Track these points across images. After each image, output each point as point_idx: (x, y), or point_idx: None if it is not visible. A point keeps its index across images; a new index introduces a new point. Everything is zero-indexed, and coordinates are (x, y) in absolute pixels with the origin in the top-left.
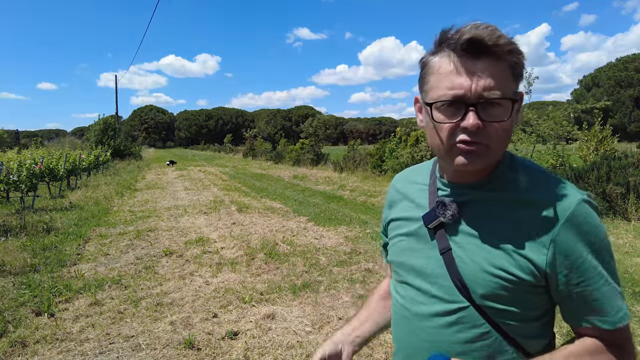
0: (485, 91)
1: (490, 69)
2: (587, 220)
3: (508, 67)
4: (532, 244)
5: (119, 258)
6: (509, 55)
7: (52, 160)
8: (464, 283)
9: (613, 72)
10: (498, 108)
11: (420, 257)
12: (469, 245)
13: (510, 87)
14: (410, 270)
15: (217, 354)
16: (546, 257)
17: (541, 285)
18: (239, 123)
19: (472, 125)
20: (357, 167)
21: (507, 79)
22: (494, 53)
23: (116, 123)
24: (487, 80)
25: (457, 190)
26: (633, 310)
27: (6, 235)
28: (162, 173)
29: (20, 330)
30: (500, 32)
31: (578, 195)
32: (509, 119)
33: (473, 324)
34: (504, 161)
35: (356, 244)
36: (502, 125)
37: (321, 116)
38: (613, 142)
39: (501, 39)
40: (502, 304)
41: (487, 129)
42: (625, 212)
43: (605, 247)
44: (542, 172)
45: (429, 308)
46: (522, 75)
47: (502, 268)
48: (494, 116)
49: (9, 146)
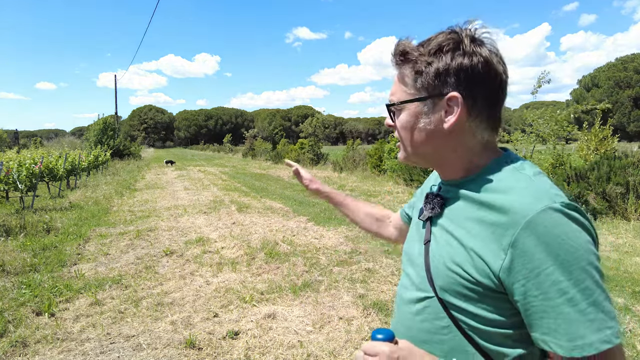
0: (390, 96)
1: (396, 77)
2: (551, 230)
3: (407, 75)
4: (492, 247)
5: (119, 258)
6: (410, 63)
7: (52, 160)
8: (430, 274)
9: (612, 72)
10: (397, 112)
11: (413, 246)
12: (441, 239)
13: (404, 92)
14: (406, 259)
15: (218, 353)
16: (502, 262)
17: (501, 291)
18: (238, 123)
19: (385, 124)
20: (357, 167)
21: (402, 86)
22: (398, 62)
23: (116, 123)
24: (393, 87)
25: (446, 187)
26: (633, 310)
27: (6, 235)
28: (161, 173)
29: (21, 330)
30: (409, 42)
31: (546, 202)
32: (397, 121)
33: (436, 316)
34: (491, 163)
35: (356, 243)
36: (400, 126)
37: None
38: (613, 142)
39: (400, 49)
40: (461, 301)
41: (396, 128)
42: (625, 211)
43: (577, 262)
44: (525, 177)
45: (408, 294)
46: (427, 80)
47: (460, 265)
48: (394, 118)
49: (8, 146)
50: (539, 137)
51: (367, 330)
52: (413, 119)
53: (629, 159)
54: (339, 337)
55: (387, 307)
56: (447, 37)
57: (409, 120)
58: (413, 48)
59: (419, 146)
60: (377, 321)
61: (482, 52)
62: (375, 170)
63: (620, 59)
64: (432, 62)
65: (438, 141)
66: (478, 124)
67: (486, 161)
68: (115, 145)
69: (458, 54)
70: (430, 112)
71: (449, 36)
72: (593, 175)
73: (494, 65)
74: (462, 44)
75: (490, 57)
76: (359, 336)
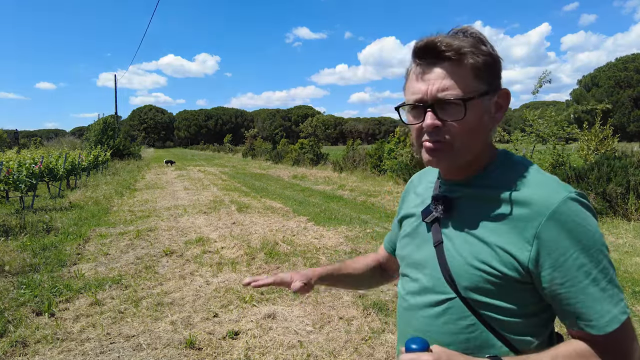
0: (440, 92)
1: (446, 72)
2: (573, 218)
3: (467, 68)
4: (516, 240)
5: (119, 258)
6: (465, 57)
7: (52, 160)
8: (451, 275)
9: (612, 72)
10: (456, 107)
11: (418, 250)
12: (457, 239)
13: (469, 86)
14: (410, 263)
15: (218, 353)
16: (529, 254)
17: (527, 282)
18: (238, 123)
19: (428, 125)
20: (357, 167)
21: (465, 80)
22: (447, 57)
23: (116, 123)
24: (442, 82)
25: (451, 187)
26: (633, 310)
27: (6, 235)
28: (161, 173)
29: (21, 330)
30: (455, 36)
31: (564, 193)
32: (465, 117)
33: (459, 316)
34: (496, 159)
35: (356, 243)
36: (461, 123)
37: (321, 116)
38: (613, 142)
39: (453, 43)
40: (487, 297)
41: (448, 127)
42: (625, 211)
43: (595, 245)
44: (534, 171)
45: (422, 299)
46: (489, 73)
47: (485, 262)
48: (452, 115)
49: (8, 146)
50: (538, 137)
51: (367, 330)
52: (479, 116)
53: (629, 159)
54: (339, 337)
55: (387, 307)
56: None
57: (476, 116)
58: (466, 41)
59: (473, 145)
60: (377, 321)
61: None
62: (375, 170)
63: (620, 59)
64: (493, 54)
65: (485, 138)
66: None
67: (489, 159)
68: (115, 145)
69: (493, 51)
70: (488, 108)
71: (475, 33)
72: (593, 175)
73: None
74: (487, 43)
75: None
76: (359, 336)
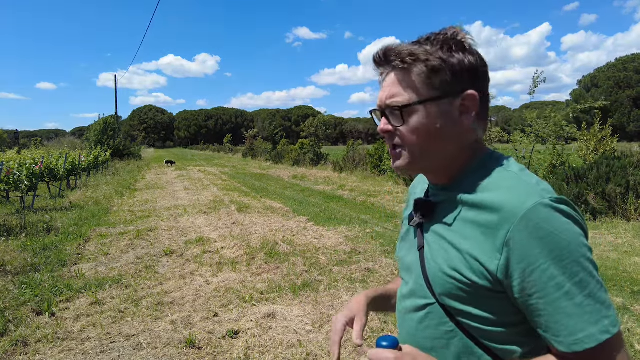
0: (388, 99)
1: (396, 79)
2: (543, 225)
3: (414, 75)
4: (487, 248)
5: (120, 258)
6: (412, 65)
7: (52, 160)
8: (428, 280)
9: (612, 72)
10: (406, 115)
11: (408, 254)
12: (434, 245)
13: (414, 93)
14: (403, 266)
15: (217, 353)
16: (499, 262)
17: (499, 291)
18: (238, 123)
19: (380, 130)
20: (357, 167)
21: (411, 86)
22: (396, 65)
23: (116, 123)
24: (390, 89)
25: (435, 191)
26: (632, 309)
27: (7, 235)
28: (161, 173)
29: (22, 330)
30: (415, 43)
31: (536, 198)
32: (406, 123)
33: (439, 321)
34: (478, 162)
35: (356, 243)
36: (406, 128)
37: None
38: (613, 142)
39: (403, 50)
40: (462, 304)
41: (401, 133)
42: (624, 211)
43: (570, 256)
44: (513, 175)
45: (409, 302)
46: (441, 79)
47: (456, 270)
48: (396, 121)
49: (8, 146)
50: (538, 137)
51: (367, 330)
52: (428, 121)
53: (629, 159)
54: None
55: None
56: (448, 37)
57: (423, 122)
58: (419, 48)
59: (431, 150)
60: (376, 321)
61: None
62: (375, 170)
63: (620, 59)
64: (446, 59)
65: (448, 143)
66: (479, 122)
67: (474, 161)
68: (116, 145)
69: (467, 52)
70: (446, 112)
71: (448, 36)
72: (592, 175)
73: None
74: (465, 43)
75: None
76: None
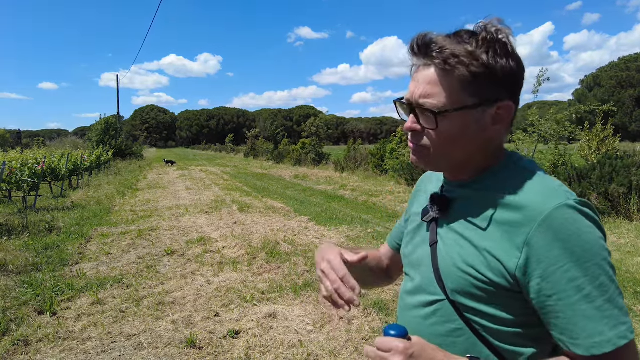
0: (421, 98)
1: (433, 77)
2: (568, 226)
3: (454, 78)
4: (506, 246)
5: (121, 257)
6: (455, 67)
7: (54, 160)
8: (440, 276)
9: (615, 72)
10: (440, 118)
11: (417, 249)
12: (449, 240)
13: (451, 98)
14: (409, 262)
15: (218, 352)
16: (518, 261)
17: (516, 290)
18: (240, 123)
19: (405, 128)
20: (358, 167)
21: (450, 90)
22: (437, 64)
23: (118, 123)
24: (426, 87)
25: (451, 188)
26: (635, 310)
27: (9, 235)
28: (163, 173)
29: (23, 329)
30: (457, 38)
31: (561, 199)
32: (439, 128)
33: (447, 319)
34: (500, 163)
35: (357, 243)
36: (436, 132)
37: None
38: (615, 141)
39: (448, 48)
40: (474, 302)
41: (429, 135)
42: (627, 211)
43: (593, 259)
44: (537, 177)
45: (415, 299)
46: (481, 86)
47: (473, 266)
48: (427, 123)
49: (11, 146)
50: (540, 136)
51: (368, 330)
52: (460, 127)
53: (632, 158)
54: (339, 336)
55: (387, 307)
56: (494, 37)
57: (455, 128)
58: (462, 47)
59: (455, 153)
60: (377, 320)
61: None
62: (377, 170)
63: (622, 59)
64: (489, 65)
65: (474, 147)
66: (507, 128)
67: (496, 161)
68: (118, 145)
69: (510, 57)
70: (478, 120)
71: (493, 36)
72: (595, 175)
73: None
74: (509, 46)
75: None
76: (360, 336)
